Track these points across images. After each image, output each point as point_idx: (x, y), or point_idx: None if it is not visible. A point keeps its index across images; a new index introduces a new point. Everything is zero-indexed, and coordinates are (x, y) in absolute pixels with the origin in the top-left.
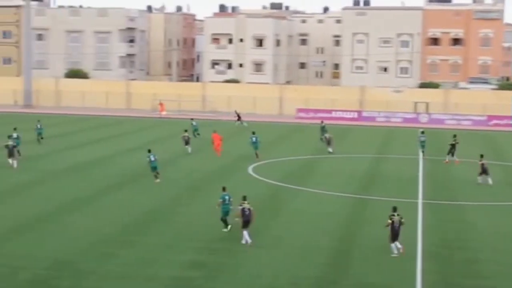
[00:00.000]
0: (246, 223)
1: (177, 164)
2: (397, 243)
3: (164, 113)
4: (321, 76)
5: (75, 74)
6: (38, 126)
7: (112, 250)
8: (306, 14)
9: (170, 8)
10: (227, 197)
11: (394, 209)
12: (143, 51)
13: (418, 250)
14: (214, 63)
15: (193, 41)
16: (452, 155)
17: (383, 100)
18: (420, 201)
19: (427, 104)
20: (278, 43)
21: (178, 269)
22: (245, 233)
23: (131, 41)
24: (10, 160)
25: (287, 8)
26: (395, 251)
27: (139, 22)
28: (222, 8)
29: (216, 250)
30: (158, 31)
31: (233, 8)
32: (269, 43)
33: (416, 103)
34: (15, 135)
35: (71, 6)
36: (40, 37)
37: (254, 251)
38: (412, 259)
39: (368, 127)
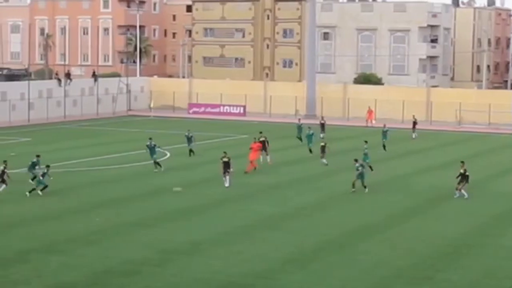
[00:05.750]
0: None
1: (486, 186)
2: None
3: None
4: None
5: (366, 79)
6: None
7: (406, 287)
8: None
9: (481, 2)
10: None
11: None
12: (447, 52)
13: None
14: None
15: (508, 40)
16: None
17: None
18: None
19: None
20: None
21: None
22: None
23: (433, 40)
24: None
25: None
26: None
27: (443, 18)
28: None
29: None
30: (466, 29)
31: None
32: None
33: None
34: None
35: (362, 0)
36: (325, 36)
37: None
38: None
39: None
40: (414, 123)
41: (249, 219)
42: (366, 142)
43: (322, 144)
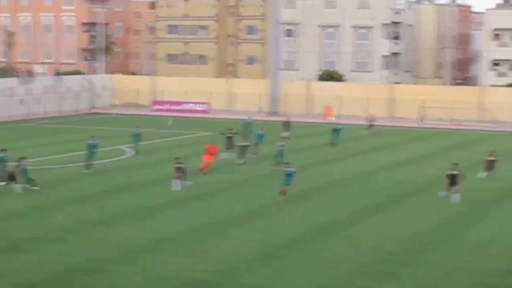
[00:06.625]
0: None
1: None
2: None
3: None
4: None
5: (329, 76)
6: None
7: (370, 283)
8: None
9: None
10: None
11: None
12: (410, 49)
13: None
14: (495, 64)
15: (469, 37)
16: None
17: None
18: None
19: None
20: None
21: None
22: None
23: (396, 37)
24: None
25: None
26: None
27: (406, 15)
28: None
29: (495, 286)
30: (428, 25)
31: None
32: None
33: None
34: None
35: None
36: (289, 33)
37: None
38: None
39: None
40: (370, 121)
41: (214, 216)
42: (283, 139)
43: (244, 144)
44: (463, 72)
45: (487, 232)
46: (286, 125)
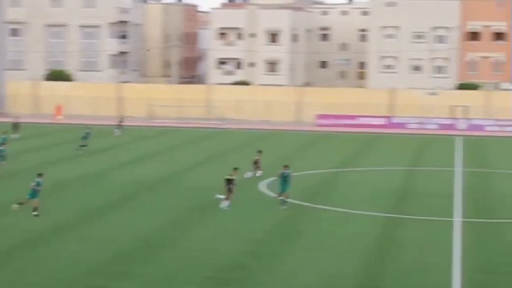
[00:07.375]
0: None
1: (179, 180)
2: None
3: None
4: (346, 76)
5: (57, 76)
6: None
7: (105, 283)
8: (328, 4)
9: None
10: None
11: None
12: (138, 48)
13: (456, 276)
14: (221, 62)
15: (196, 36)
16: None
17: (415, 104)
18: (457, 219)
19: (466, 108)
20: (295, 38)
21: None
22: None
23: (124, 36)
24: None
25: None
26: None
27: (133, 14)
28: None
29: (226, 280)
30: (155, 25)
31: None
32: (284, 38)
33: (453, 107)
34: None
35: None
36: (15, 32)
37: (270, 280)
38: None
39: (398, 135)
40: (120, 121)
41: None
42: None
43: None
44: (191, 71)
45: (216, 228)
46: (16, 126)
